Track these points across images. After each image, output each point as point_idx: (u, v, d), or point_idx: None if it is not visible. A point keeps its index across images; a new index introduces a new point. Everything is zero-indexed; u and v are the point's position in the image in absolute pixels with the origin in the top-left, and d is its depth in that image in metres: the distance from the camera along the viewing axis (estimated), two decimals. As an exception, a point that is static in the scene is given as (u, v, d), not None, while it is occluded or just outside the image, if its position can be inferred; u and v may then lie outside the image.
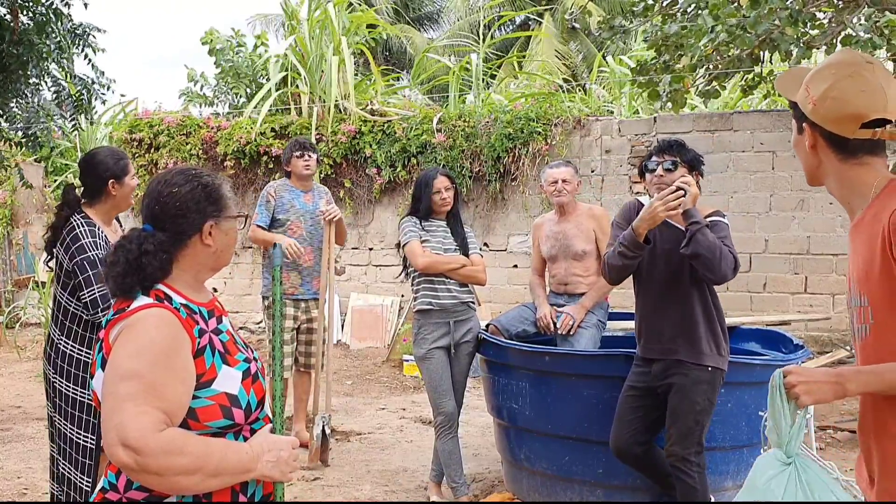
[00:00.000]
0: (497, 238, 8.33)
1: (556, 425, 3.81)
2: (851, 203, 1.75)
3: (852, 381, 1.65)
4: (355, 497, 4.33)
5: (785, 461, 1.79)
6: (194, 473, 1.55)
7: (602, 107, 8.75)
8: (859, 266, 1.70)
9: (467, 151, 8.16)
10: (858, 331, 1.72)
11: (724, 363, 3.31)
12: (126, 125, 9.67)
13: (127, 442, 1.50)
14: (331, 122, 8.57)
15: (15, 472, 4.75)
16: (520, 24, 19.95)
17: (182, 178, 1.78)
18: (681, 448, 3.25)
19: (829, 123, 1.69)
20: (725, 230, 3.25)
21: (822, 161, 1.75)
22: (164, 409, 1.56)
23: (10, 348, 8.64)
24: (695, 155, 3.36)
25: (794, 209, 7.26)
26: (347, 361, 8.06)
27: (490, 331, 4.28)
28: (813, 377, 1.71)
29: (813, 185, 1.84)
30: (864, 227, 1.69)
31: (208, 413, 1.64)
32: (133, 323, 1.62)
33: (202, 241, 1.76)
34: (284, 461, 1.68)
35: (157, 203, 1.75)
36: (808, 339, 6.79)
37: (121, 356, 1.59)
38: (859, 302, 1.70)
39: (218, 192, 1.80)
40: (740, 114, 7.51)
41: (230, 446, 1.64)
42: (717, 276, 3.15)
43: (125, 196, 3.34)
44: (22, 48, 4.41)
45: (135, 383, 1.55)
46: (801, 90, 1.75)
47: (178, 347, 1.62)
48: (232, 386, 1.68)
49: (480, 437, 5.41)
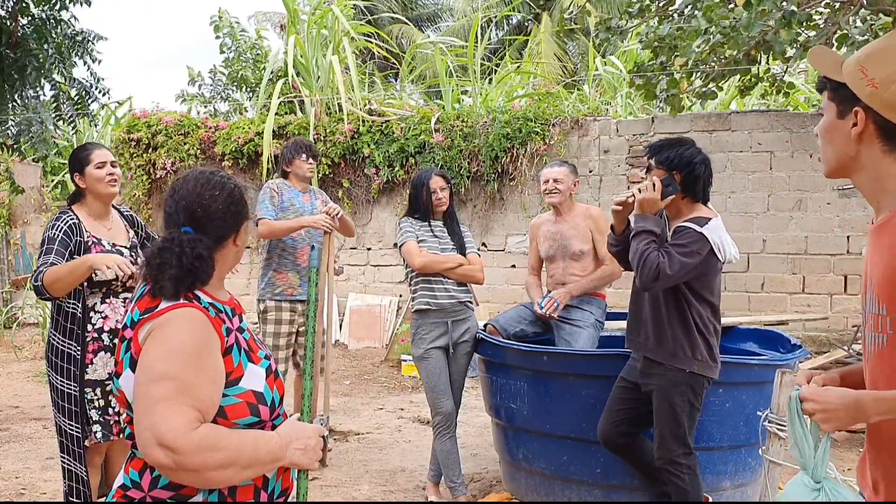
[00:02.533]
0: (495, 238, 8.33)
1: (555, 425, 3.81)
2: (881, 201, 1.61)
3: (872, 408, 1.56)
4: (353, 497, 4.33)
5: (814, 486, 1.75)
6: (229, 467, 1.58)
7: (600, 106, 8.75)
8: (880, 271, 1.57)
9: (465, 151, 8.16)
10: (874, 339, 1.60)
11: (703, 368, 3.23)
12: (124, 125, 9.67)
13: (163, 442, 1.51)
14: (330, 122, 8.57)
15: (13, 471, 4.75)
16: (517, 25, 19.96)
17: (218, 181, 1.81)
18: (666, 450, 3.26)
19: (889, 110, 1.54)
20: (684, 237, 3.13)
21: (862, 152, 1.60)
22: (198, 408, 1.58)
23: (8, 348, 8.63)
24: (672, 155, 3.21)
25: (792, 209, 7.27)
26: (346, 361, 8.06)
27: (488, 331, 4.29)
28: (831, 404, 1.61)
29: (835, 176, 1.70)
30: (889, 229, 1.57)
31: (237, 411, 1.67)
32: (164, 323, 1.63)
33: (234, 243, 1.82)
34: (312, 448, 1.73)
35: (200, 207, 1.76)
36: (805, 338, 6.81)
37: (152, 357, 1.60)
38: (877, 309, 1.58)
39: (244, 194, 1.86)
40: (738, 114, 7.52)
41: (260, 437, 1.66)
42: (640, 284, 3.20)
43: (93, 186, 3.34)
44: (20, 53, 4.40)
45: (168, 384, 1.56)
46: (854, 70, 1.59)
47: (209, 347, 1.64)
48: (258, 383, 1.71)
49: (478, 437, 5.42)
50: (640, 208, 3.20)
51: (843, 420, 1.61)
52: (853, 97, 1.59)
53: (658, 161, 3.24)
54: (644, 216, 3.21)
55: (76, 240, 3.20)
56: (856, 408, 1.58)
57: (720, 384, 3.57)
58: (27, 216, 10.41)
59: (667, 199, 3.19)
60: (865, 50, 1.61)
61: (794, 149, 7.23)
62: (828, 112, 1.67)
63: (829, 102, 1.66)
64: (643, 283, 3.15)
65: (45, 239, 3.19)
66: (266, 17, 19.43)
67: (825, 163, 1.70)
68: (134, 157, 9.32)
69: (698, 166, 3.22)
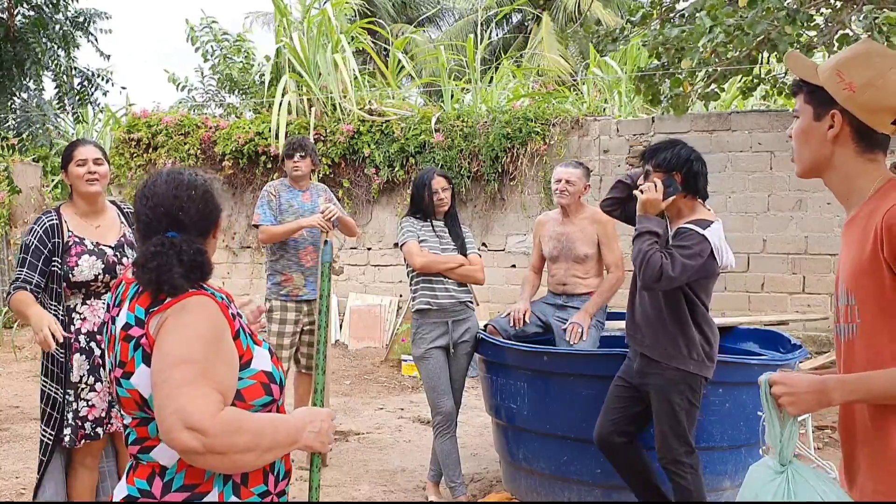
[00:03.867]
0: (495, 238, 8.33)
1: (555, 425, 3.81)
2: (850, 199, 1.71)
3: (836, 390, 1.62)
4: (353, 497, 4.33)
5: (778, 469, 1.78)
6: (253, 450, 1.58)
7: (600, 106, 8.75)
8: (848, 263, 1.66)
9: (465, 151, 8.16)
10: (843, 330, 1.68)
11: (699, 368, 3.25)
12: (125, 125, 9.67)
13: (192, 425, 1.50)
14: (330, 122, 8.57)
15: (13, 472, 4.75)
16: (517, 24, 19.96)
17: (190, 182, 1.80)
18: (668, 450, 3.26)
19: (865, 113, 1.63)
20: (686, 239, 3.16)
21: (836, 152, 1.69)
22: (220, 391, 1.58)
23: (8, 348, 8.63)
24: (669, 156, 3.23)
25: (792, 209, 7.27)
26: (346, 361, 8.06)
27: (488, 331, 4.29)
28: (798, 387, 1.68)
29: (807, 176, 1.78)
30: (857, 223, 1.66)
31: (252, 392, 1.68)
32: (178, 311, 1.63)
33: (214, 236, 1.84)
34: (325, 432, 1.75)
35: (180, 210, 1.75)
36: (806, 338, 6.81)
37: (170, 343, 1.59)
38: (846, 300, 1.66)
39: (213, 186, 1.87)
40: (738, 114, 7.52)
41: (278, 419, 1.68)
42: (642, 284, 3.20)
43: (74, 184, 3.33)
44: (18, 46, 4.41)
45: (191, 367, 1.56)
46: (830, 75, 1.66)
47: (223, 331, 1.66)
48: (266, 364, 1.74)
49: (479, 437, 5.41)
50: (643, 209, 3.23)
51: (811, 403, 1.68)
52: (830, 100, 1.67)
53: (656, 164, 3.26)
54: (647, 217, 3.22)
55: (54, 241, 3.18)
56: (821, 390, 1.64)
57: (720, 384, 3.57)
58: (27, 216, 10.40)
59: (668, 199, 3.22)
60: (841, 55, 1.69)
61: (794, 149, 7.22)
62: (803, 115, 1.74)
63: (804, 105, 1.73)
64: (645, 283, 3.16)
65: (22, 245, 3.22)
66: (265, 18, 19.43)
67: (799, 163, 1.78)
68: (134, 157, 9.32)
69: (696, 163, 3.25)
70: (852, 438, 1.69)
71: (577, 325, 4.14)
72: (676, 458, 3.25)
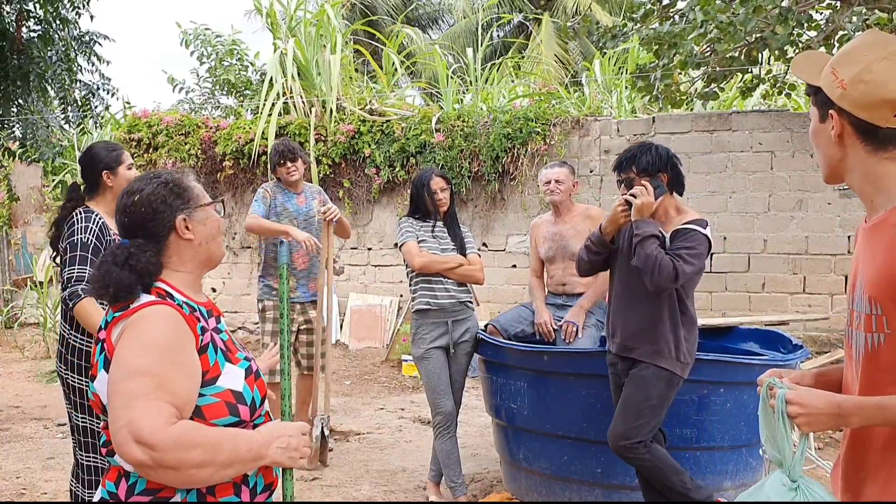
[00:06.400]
0: (496, 238, 8.33)
1: (555, 425, 3.81)
2: (875, 201, 1.60)
3: (855, 414, 1.55)
4: (354, 497, 4.33)
5: (791, 486, 1.74)
6: (208, 465, 1.54)
7: (601, 106, 8.74)
8: (873, 270, 1.55)
9: (466, 151, 8.16)
10: (863, 338, 1.59)
11: (681, 369, 3.28)
12: (125, 125, 9.67)
13: (141, 438, 1.48)
14: (331, 122, 8.56)
15: (13, 472, 4.75)
16: (517, 26, 19.94)
17: (141, 182, 1.79)
18: (621, 436, 3.24)
19: (861, 110, 1.55)
20: (692, 240, 3.19)
21: (848, 153, 1.61)
22: (175, 404, 1.55)
23: (9, 348, 8.64)
24: (651, 159, 3.26)
25: (793, 209, 7.27)
26: (346, 361, 8.06)
27: (489, 331, 4.29)
28: (815, 408, 1.60)
29: (831, 182, 1.70)
30: (885, 228, 1.55)
31: (214, 410, 1.63)
32: (137, 320, 1.61)
33: (181, 237, 1.76)
34: (294, 447, 1.68)
35: (125, 215, 1.76)
36: (806, 339, 6.80)
37: (126, 354, 1.58)
38: (868, 309, 1.56)
39: (180, 185, 1.80)
40: (739, 114, 7.51)
41: (240, 434, 1.62)
42: (654, 286, 3.17)
43: (121, 186, 3.30)
44: (24, 59, 4.43)
45: (144, 380, 1.53)
46: (826, 73, 1.60)
47: (184, 343, 1.62)
48: (236, 383, 1.68)
49: (479, 437, 5.41)
50: (639, 213, 3.24)
51: (826, 424, 1.62)
52: (829, 100, 1.61)
53: (640, 170, 3.29)
54: (644, 221, 3.23)
55: (107, 240, 3.15)
56: (838, 414, 1.58)
57: (721, 384, 3.57)
58: (28, 216, 10.41)
59: (658, 200, 3.26)
60: (838, 53, 1.62)
61: (794, 149, 7.22)
62: (812, 117, 1.68)
63: (812, 107, 1.67)
64: (659, 285, 3.15)
65: (77, 242, 3.08)
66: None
67: (821, 169, 1.71)
68: (135, 158, 9.30)
69: (674, 160, 3.34)
70: (863, 445, 1.63)
71: (571, 324, 4.16)
72: (628, 445, 3.22)
